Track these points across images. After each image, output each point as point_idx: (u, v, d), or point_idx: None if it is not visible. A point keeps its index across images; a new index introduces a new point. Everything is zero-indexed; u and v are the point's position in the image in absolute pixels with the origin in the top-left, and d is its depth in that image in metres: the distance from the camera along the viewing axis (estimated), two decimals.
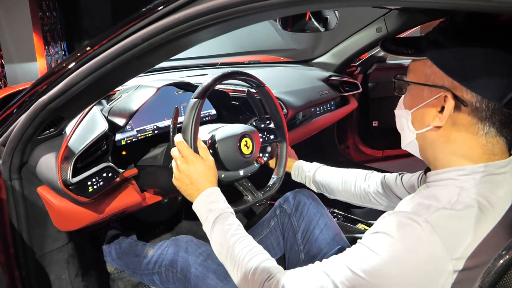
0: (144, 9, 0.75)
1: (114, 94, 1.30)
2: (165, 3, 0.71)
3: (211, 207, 0.93)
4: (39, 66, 4.45)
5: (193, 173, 0.96)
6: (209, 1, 0.69)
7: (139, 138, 1.30)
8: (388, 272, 0.64)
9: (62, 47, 5.10)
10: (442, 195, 0.69)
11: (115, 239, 1.52)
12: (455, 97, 0.68)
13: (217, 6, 0.68)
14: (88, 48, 0.82)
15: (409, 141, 0.80)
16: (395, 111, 0.84)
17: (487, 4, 0.50)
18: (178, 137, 1.00)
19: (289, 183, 1.37)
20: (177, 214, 1.94)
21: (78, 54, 0.83)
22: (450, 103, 0.69)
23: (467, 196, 0.66)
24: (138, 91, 1.24)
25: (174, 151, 1.00)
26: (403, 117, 0.80)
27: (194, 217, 1.99)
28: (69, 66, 0.85)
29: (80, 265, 1.30)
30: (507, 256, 0.53)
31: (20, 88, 1.46)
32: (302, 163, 1.40)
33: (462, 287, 0.62)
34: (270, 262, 0.83)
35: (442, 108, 0.70)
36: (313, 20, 1.84)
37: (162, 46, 0.77)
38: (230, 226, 0.90)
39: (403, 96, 0.81)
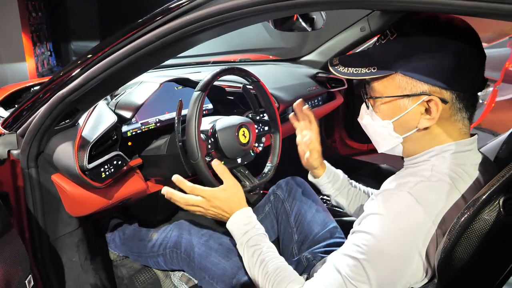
0: (158, 10, 0.85)
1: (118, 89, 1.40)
2: (179, 6, 0.82)
3: (245, 229, 1.02)
4: (28, 67, 4.48)
5: (220, 206, 1.04)
6: (216, 4, 0.79)
7: (143, 130, 1.39)
8: (384, 246, 0.73)
9: (48, 48, 5.11)
10: (417, 171, 0.80)
11: (119, 227, 1.61)
12: (439, 98, 0.74)
13: (223, 9, 0.78)
14: (105, 45, 0.92)
15: (392, 146, 0.85)
16: (363, 122, 0.89)
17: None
18: (215, 162, 1.09)
19: (280, 172, 1.48)
20: (174, 205, 2.03)
21: (97, 50, 0.92)
22: (437, 105, 0.74)
23: (438, 172, 0.77)
24: (141, 86, 1.34)
25: (190, 200, 1.07)
26: (380, 127, 0.84)
27: None
28: (88, 62, 0.94)
29: (88, 250, 1.39)
30: (468, 213, 0.65)
31: (27, 85, 1.54)
32: (330, 177, 1.27)
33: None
34: (294, 283, 0.88)
35: (426, 110, 0.76)
36: (300, 20, 1.95)
37: (173, 44, 0.87)
38: (262, 247, 0.98)
39: (370, 109, 0.85)
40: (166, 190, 1.09)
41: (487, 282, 0.78)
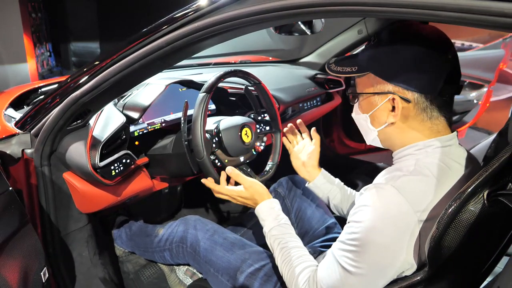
0: (168, 18, 0.91)
1: None
2: (187, 14, 0.87)
3: (272, 216, 1.13)
4: (29, 67, 4.51)
5: (254, 194, 1.17)
6: (222, 13, 0.85)
7: (149, 130, 1.45)
8: (374, 234, 0.81)
9: (48, 48, 5.15)
10: (403, 166, 0.88)
11: (125, 223, 1.66)
12: (400, 97, 0.86)
13: (228, 17, 0.84)
14: (116, 51, 0.97)
15: (372, 138, 0.98)
16: (352, 115, 1.01)
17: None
18: (229, 169, 1.21)
19: (281, 170, 1.54)
20: (177, 204, 2.09)
21: (108, 55, 0.98)
22: (398, 103, 0.86)
23: (422, 165, 0.85)
24: (147, 88, 1.39)
25: (224, 189, 1.19)
26: (362, 120, 0.97)
27: (192, 206, 2.15)
28: (99, 67, 1.00)
29: (97, 245, 1.44)
30: (455, 205, 0.71)
31: (35, 86, 1.59)
32: (323, 183, 1.32)
33: (427, 232, 0.79)
34: (308, 269, 0.97)
35: (393, 108, 0.88)
36: (300, 24, 2.01)
37: (182, 49, 0.93)
38: (284, 236, 1.07)
39: (356, 104, 0.98)
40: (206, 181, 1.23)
41: (474, 269, 0.85)
